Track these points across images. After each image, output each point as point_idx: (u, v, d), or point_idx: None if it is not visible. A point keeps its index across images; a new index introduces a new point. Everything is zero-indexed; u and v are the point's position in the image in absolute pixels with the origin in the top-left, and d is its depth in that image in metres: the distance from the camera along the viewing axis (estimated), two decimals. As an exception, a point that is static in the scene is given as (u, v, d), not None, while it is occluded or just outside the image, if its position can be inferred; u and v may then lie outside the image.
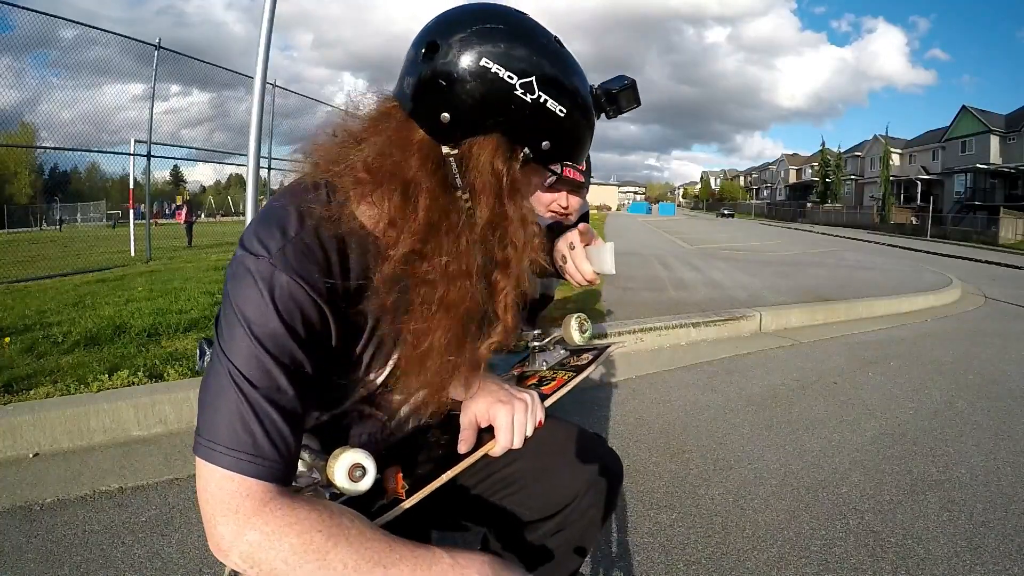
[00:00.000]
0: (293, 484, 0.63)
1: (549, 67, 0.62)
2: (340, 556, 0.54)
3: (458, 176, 0.63)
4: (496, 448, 0.76)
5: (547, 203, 1.54)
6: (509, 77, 0.60)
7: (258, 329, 0.58)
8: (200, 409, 0.59)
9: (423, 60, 0.61)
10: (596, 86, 0.69)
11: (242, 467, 0.55)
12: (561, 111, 0.63)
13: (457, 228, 0.64)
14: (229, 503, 0.55)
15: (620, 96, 0.71)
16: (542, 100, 0.61)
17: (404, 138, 0.63)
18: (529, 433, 0.78)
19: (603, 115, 0.71)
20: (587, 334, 1.03)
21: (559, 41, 0.66)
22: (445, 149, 0.62)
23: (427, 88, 0.61)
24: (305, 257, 0.61)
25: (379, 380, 0.76)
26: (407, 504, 0.67)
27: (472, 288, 0.65)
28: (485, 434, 0.79)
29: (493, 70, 0.60)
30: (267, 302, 0.58)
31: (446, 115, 0.61)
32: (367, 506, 0.68)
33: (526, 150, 0.64)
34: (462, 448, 0.77)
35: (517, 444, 0.77)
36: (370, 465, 0.63)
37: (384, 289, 0.65)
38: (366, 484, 0.63)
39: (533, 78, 0.61)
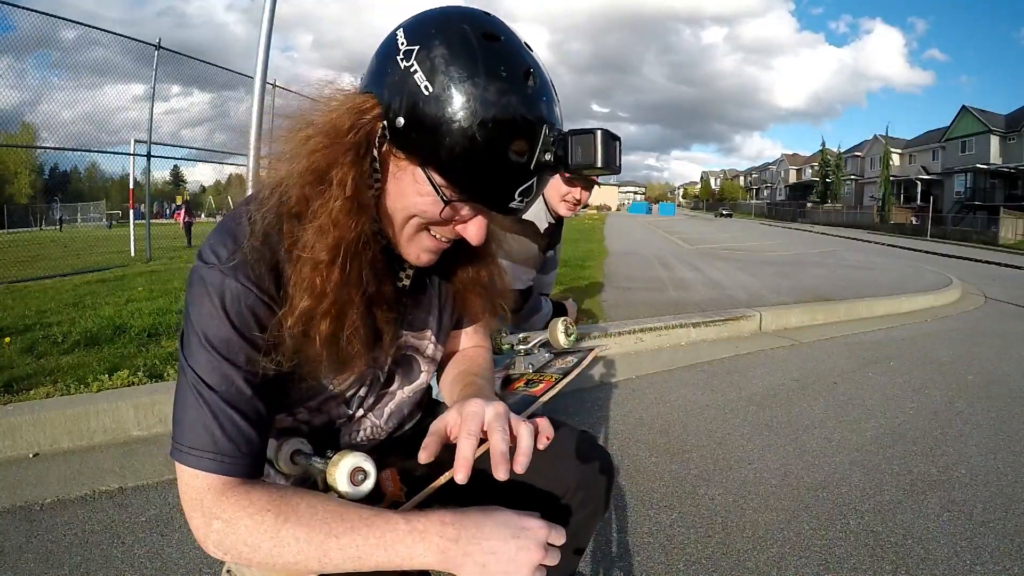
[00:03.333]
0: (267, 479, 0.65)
1: (445, 48, 0.57)
2: (291, 531, 0.57)
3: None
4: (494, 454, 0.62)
5: (563, 194, 1.57)
6: (401, 42, 0.60)
7: (213, 337, 0.60)
8: (173, 415, 0.62)
9: None
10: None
11: (204, 464, 0.59)
12: (427, 88, 0.57)
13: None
14: (196, 498, 0.60)
15: (573, 142, 0.60)
16: (412, 70, 0.58)
17: None
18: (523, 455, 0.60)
19: (545, 161, 0.59)
20: (572, 337, 1.03)
21: (530, 74, 0.58)
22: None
23: None
24: (254, 262, 0.62)
25: (347, 382, 0.75)
26: (407, 507, 0.67)
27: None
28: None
29: (397, 33, 0.61)
30: (218, 309, 0.60)
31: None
32: None
33: (384, 123, 0.60)
34: (422, 457, 0.64)
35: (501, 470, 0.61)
36: (370, 468, 0.65)
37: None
38: (367, 487, 0.64)
39: (417, 47, 0.58)
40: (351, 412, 0.79)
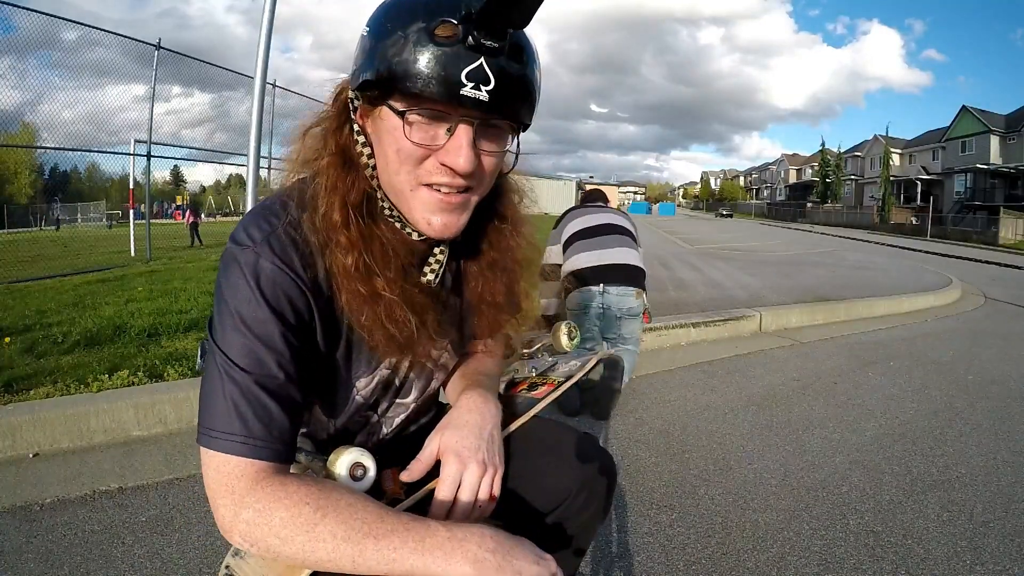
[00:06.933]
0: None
1: (380, 5, 0.64)
2: (329, 527, 0.55)
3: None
4: (435, 502, 0.69)
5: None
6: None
7: (246, 317, 0.60)
8: (200, 402, 0.61)
9: None
10: None
11: (234, 449, 0.57)
12: (365, 31, 0.63)
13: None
14: (225, 484, 0.57)
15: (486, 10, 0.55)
16: (363, 32, 0.64)
17: None
18: (477, 500, 0.69)
19: (466, 32, 0.57)
20: (575, 340, 1.03)
21: None
22: None
23: None
24: (288, 246, 0.63)
25: (369, 387, 0.76)
26: (406, 503, 0.68)
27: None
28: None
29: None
30: (253, 289, 0.60)
31: None
32: None
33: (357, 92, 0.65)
34: (404, 476, 0.71)
35: (460, 507, 0.69)
36: (370, 464, 0.65)
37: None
38: (367, 483, 0.65)
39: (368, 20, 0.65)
40: (371, 418, 0.81)
